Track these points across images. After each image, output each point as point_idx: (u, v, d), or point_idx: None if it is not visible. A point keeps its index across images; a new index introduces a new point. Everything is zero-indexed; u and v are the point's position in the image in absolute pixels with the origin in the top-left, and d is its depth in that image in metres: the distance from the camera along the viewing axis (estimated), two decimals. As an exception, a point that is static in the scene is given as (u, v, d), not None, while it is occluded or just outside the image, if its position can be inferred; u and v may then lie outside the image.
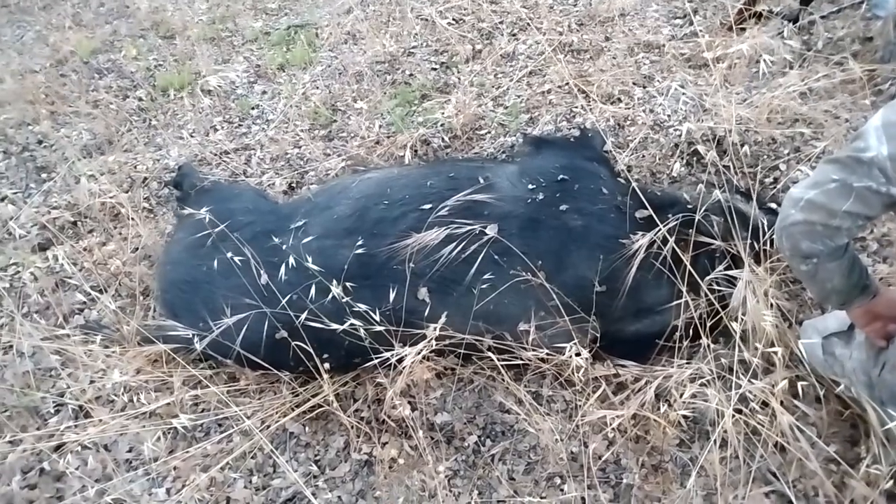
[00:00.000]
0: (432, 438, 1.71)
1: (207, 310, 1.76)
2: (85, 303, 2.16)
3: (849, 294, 1.33)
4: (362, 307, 1.56)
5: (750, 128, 2.32)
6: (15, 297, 2.21)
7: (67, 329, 2.04)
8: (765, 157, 2.25)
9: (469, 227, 1.67)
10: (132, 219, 2.37)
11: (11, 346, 2.00)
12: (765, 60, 1.84)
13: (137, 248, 2.33)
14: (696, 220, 1.65)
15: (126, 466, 1.75)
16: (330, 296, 1.58)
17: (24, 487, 1.71)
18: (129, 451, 1.79)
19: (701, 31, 2.92)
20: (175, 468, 1.70)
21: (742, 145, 2.27)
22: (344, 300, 1.58)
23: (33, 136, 3.00)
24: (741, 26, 2.78)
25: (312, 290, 1.61)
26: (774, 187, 2.15)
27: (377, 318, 1.56)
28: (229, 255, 1.73)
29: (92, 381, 1.88)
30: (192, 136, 2.89)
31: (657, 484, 1.58)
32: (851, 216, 1.19)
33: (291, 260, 1.65)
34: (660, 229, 1.62)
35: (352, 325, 1.54)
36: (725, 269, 1.66)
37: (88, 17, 4.02)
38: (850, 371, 1.49)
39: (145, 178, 2.66)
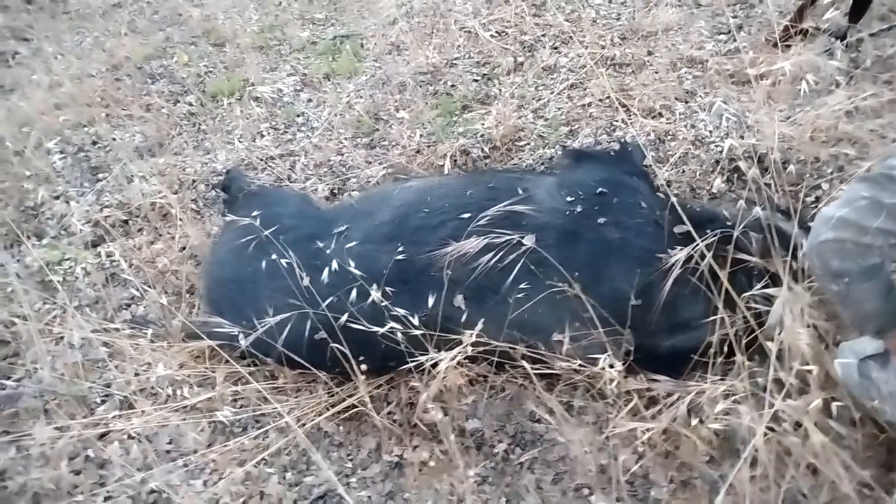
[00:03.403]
0: (462, 444, 1.74)
1: (251, 309, 1.82)
2: (133, 298, 2.24)
3: (886, 320, 1.32)
4: (401, 311, 1.60)
5: (793, 146, 2.30)
6: (68, 290, 2.30)
7: (116, 323, 2.12)
8: (808, 175, 2.22)
9: (507, 238, 1.70)
10: (180, 219, 2.46)
11: (63, 338, 2.09)
12: (808, 80, 1.83)
13: (184, 248, 2.41)
14: (735, 235, 1.65)
15: (166, 457, 1.81)
16: (370, 300, 1.62)
17: (70, 472, 1.79)
18: (170, 442, 1.85)
19: (745, 47, 2.90)
20: (213, 461, 1.76)
21: (785, 163, 2.25)
22: (383, 304, 1.62)
23: (88, 138, 3.12)
24: (787, 43, 2.76)
25: (353, 294, 1.66)
26: (816, 206, 2.13)
27: (415, 322, 1.59)
28: (274, 256, 1.79)
29: (137, 374, 1.95)
30: (239, 142, 2.97)
31: (685, 500, 1.58)
32: (883, 233, 1.18)
33: (335, 264, 1.69)
34: (697, 244, 1.62)
35: (390, 328, 1.58)
36: (763, 286, 1.65)
37: (143, 24, 4.17)
38: (886, 395, 1.46)
39: (194, 181, 2.75)
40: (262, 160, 2.83)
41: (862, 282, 1.25)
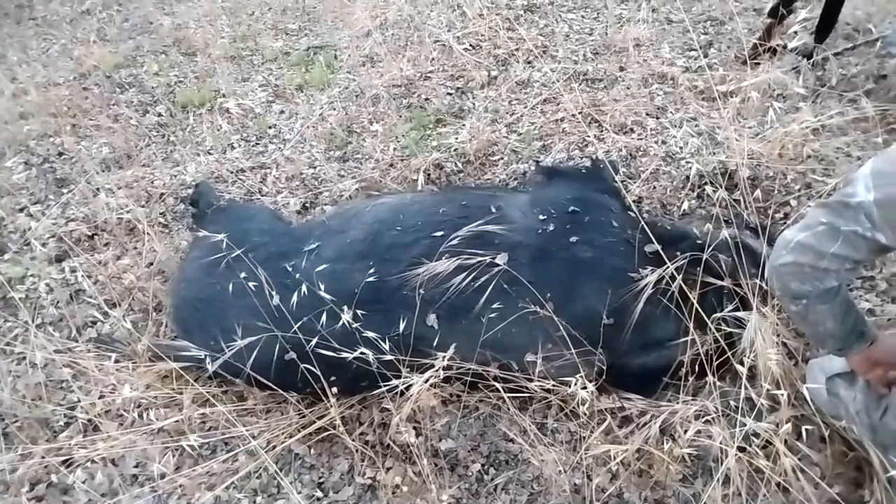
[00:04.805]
0: (436, 465, 1.72)
1: (219, 329, 1.78)
2: (98, 316, 2.19)
3: (845, 340, 1.34)
4: (372, 334, 1.58)
5: (761, 162, 2.33)
6: (30, 307, 2.24)
7: (80, 342, 2.07)
8: (776, 192, 2.26)
9: (480, 258, 1.69)
10: (148, 234, 2.40)
11: (24, 358, 2.04)
12: (776, 98, 1.86)
13: (152, 263, 2.36)
14: (704, 258, 1.66)
15: (133, 482, 1.77)
16: (340, 322, 1.60)
17: (32, 500, 1.73)
18: (136, 466, 1.80)
19: (715, 64, 2.94)
20: (181, 486, 1.72)
21: (753, 180, 2.29)
22: (354, 326, 1.60)
23: (54, 149, 3.06)
24: (755, 61, 2.81)
25: (324, 316, 1.63)
26: (784, 223, 2.16)
27: (386, 345, 1.58)
28: (243, 275, 1.76)
29: (102, 396, 1.90)
30: (209, 154, 2.93)
31: (659, 519, 1.59)
32: (839, 259, 1.21)
33: (304, 288, 1.67)
34: (667, 267, 1.63)
35: (361, 352, 1.56)
36: (733, 309, 1.67)
37: (113, 33, 4.11)
38: (853, 413, 1.49)
39: (162, 194, 2.70)
40: (232, 173, 2.79)
41: (819, 304, 1.28)
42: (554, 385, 1.68)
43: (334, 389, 1.66)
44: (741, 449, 1.48)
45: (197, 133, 3.08)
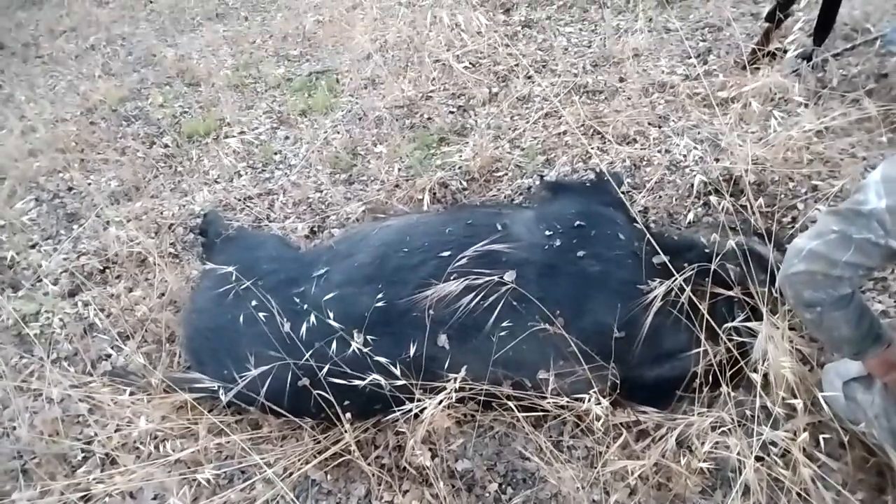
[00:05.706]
0: (453, 486, 1.72)
1: (232, 358, 1.79)
2: (112, 349, 2.20)
3: (861, 344, 1.34)
4: (383, 359, 1.58)
5: (766, 167, 2.33)
6: (45, 343, 2.27)
7: (95, 375, 2.08)
8: (782, 196, 2.25)
9: (488, 278, 1.69)
10: (158, 265, 2.42)
11: (41, 394, 2.05)
12: (778, 103, 1.86)
13: (163, 294, 2.37)
14: (712, 269, 1.66)
15: (151, 515, 1.78)
16: (352, 349, 1.60)
17: (53, 535, 1.74)
18: (155, 499, 1.81)
19: (715, 70, 2.95)
20: (199, 517, 1.72)
21: (759, 185, 2.28)
22: (365, 351, 1.60)
23: (63, 184, 3.10)
24: (755, 66, 2.81)
25: (335, 342, 1.63)
26: (792, 226, 2.15)
27: (398, 370, 1.58)
28: (253, 304, 1.77)
29: (118, 429, 1.91)
30: (216, 182, 2.96)
31: (680, 533, 1.57)
32: (852, 266, 1.21)
33: (315, 313, 1.68)
34: (676, 278, 1.63)
35: (374, 378, 1.56)
36: (744, 318, 1.66)
37: (117, 66, 4.17)
38: (872, 417, 1.47)
39: (171, 224, 2.73)
40: (240, 200, 2.81)
41: (833, 311, 1.28)
42: (568, 401, 1.67)
43: (348, 414, 1.67)
44: (759, 459, 1.47)
45: (203, 162, 3.12)
